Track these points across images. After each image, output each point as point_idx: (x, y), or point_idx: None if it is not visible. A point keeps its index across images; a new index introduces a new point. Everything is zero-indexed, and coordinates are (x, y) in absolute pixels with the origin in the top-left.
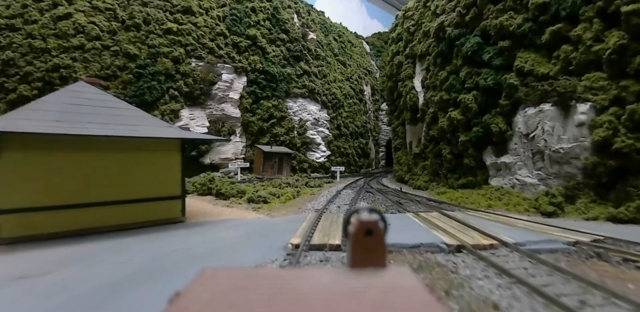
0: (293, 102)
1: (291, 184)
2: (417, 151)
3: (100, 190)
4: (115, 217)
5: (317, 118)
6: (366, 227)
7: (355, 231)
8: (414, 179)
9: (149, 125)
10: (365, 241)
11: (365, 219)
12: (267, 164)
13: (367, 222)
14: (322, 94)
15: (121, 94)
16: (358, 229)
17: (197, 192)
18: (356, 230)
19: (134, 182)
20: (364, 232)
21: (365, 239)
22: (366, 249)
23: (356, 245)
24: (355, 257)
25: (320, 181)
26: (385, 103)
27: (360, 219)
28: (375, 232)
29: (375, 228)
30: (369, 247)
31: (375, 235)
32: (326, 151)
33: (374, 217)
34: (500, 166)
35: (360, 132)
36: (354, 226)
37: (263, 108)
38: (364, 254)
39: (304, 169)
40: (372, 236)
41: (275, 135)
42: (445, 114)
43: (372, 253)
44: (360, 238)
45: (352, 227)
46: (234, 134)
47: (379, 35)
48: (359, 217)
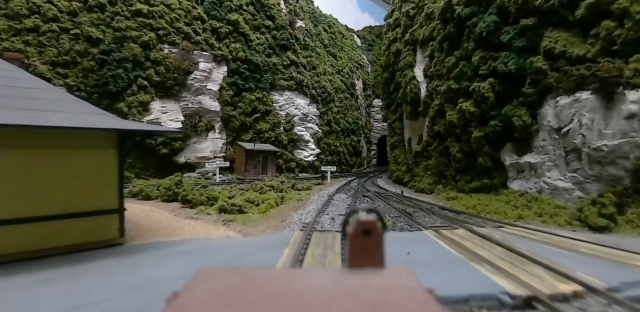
0: (279, 95)
1: (275, 187)
2: (418, 149)
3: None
4: (13, 242)
5: (305, 113)
6: (364, 227)
7: (354, 231)
8: (415, 181)
9: (70, 112)
10: (363, 241)
11: (364, 219)
12: (250, 163)
13: (365, 223)
14: (311, 87)
15: (81, 84)
16: (356, 229)
17: (161, 198)
18: (354, 230)
19: (44, 192)
20: (363, 232)
21: (363, 239)
22: (365, 249)
23: (355, 245)
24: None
25: (309, 183)
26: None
27: (359, 219)
28: (373, 232)
29: (373, 228)
30: (368, 247)
31: (373, 235)
32: (315, 149)
33: (372, 218)
34: (522, 166)
35: (351, 129)
36: (353, 226)
37: (246, 101)
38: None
39: (291, 168)
40: (370, 236)
41: (259, 131)
42: (453, 106)
43: (371, 253)
44: (358, 238)
45: (351, 228)
46: (213, 130)
47: (370, 29)
48: (357, 218)
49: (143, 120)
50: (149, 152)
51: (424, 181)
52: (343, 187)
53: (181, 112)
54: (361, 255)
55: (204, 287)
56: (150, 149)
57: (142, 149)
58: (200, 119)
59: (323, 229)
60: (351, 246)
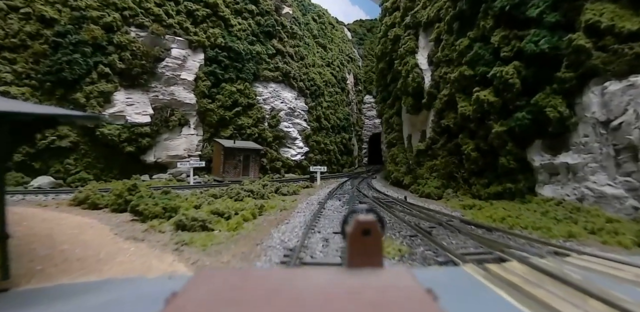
0: (263, 87)
1: (255, 192)
2: (421, 147)
3: None
4: None
5: (292, 107)
6: (364, 227)
7: (353, 231)
8: (419, 184)
9: None
10: (362, 241)
11: (363, 220)
12: (229, 162)
13: (364, 223)
14: (298, 79)
15: (32, 70)
16: (356, 229)
17: (110, 208)
18: (354, 230)
19: None
20: (362, 232)
21: (362, 239)
22: (364, 249)
23: (354, 245)
24: (352, 257)
25: (296, 186)
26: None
27: (358, 219)
28: (372, 233)
29: (372, 228)
30: (367, 247)
31: (372, 235)
32: (303, 147)
33: (371, 218)
34: (557, 168)
35: (342, 125)
36: (352, 226)
37: (225, 93)
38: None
39: (276, 168)
40: (369, 236)
41: (240, 127)
42: (467, 96)
43: (370, 253)
44: (357, 238)
45: (350, 227)
46: (187, 125)
47: (361, 23)
48: (357, 218)
49: (104, 113)
50: (111, 150)
51: (429, 184)
52: (335, 191)
53: (150, 105)
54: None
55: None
56: (112, 146)
57: (103, 146)
58: (172, 112)
59: (314, 260)
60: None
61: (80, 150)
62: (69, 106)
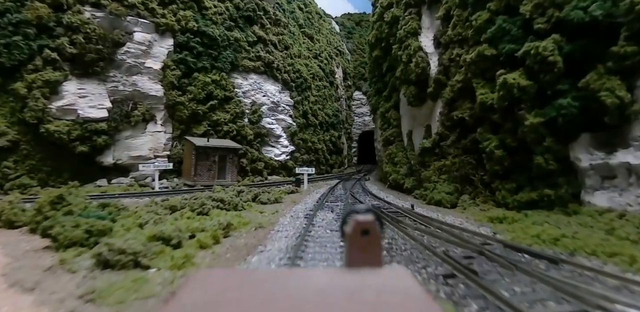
0: (243, 78)
1: (226, 201)
2: (426, 145)
3: None
4: None
5: (276, 101)
6: (362, 227)
7: (352, 231)
8: (426, 189)
9: None
10: (361, 240)
11: (362, 219)
12: (202, 164)
13: (363, 222)
14: (282, 70)
15: None
16: (354, 229)
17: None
18: (352, 230)
19: None
20: (361, 232)
21: (361, 239)
22: (362, 249)
23: (353, 245)
24: (351, 257)
25: (279, 191)
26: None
27: (357, 219)
28: (371, 232)
29: (371, 228)
30: (366, 247)
31: (371, 235)
32: (289, 146)
33: (370, 218)
34: (614, 169)
35: (332, 122)
36: (351, 226)
37: (198, 84)
38: (361, 254)
39: (258, 170)
40: (368, 235)
41: (216, 123)
42: (487, 81)
43: (369, 253)
44: (356, 238)
45: (349, 227)
46: (154, 121)
47: (349, 16)
48: (356, 218)
49: (51, 106)
50: (60, 150)
51: (439, 188)
52: (326, 198)
53: (108, 97)
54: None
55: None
56: (61, 146)
57: (49, 146)
58: (135, 106)
59: None
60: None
61: (21, 150)
62: (7, 98)
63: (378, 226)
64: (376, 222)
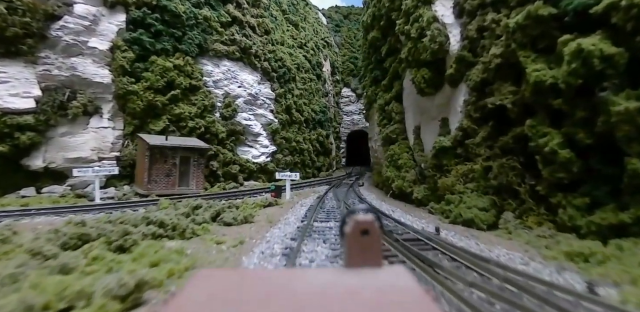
0: (214, 65)
1: (168, 224)
2: (445, 144)
3: None
4: None
5: (254, 94)
6: (362, 227)
7: (351, 230)
8: (449, 203)
9: None
10: (361, 240)
11: (361, 219)
12: (159, 168)
13: (363, 222)
14: (262, 57)
15: None
16: (354, 229)
17: None
18: (352, 230)
19: None
20: (360, 232)
21: (361, 239)
22: (362, 249)
23: (352, 245)
24: (351, 257)
25: (251, 205)
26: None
27: (356, 219)
28: (371, 232)
29: (371, 228)
30: (365, 247)
31: (371, 235)
32: (270, 146)
33: (369, 217)
34: None
35: (319, 119)
36: (350, 226)
37: (156, 69)
38: (360, 254)
39: (231, 174)
40: (368, 235)
41: (178, 117)
42: (540, 53)
43: (368, 253)
44: (356, 238)
45: (348, 227)
46: (99, 115)
47: (336, 9)
48: (355, 217)
49: None
50: None
51: (467, 201)
52: (314, 215)
53: (37, 83)
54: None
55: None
56: None
57: None
58: (74, 95)
59: None
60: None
61: None
62: None
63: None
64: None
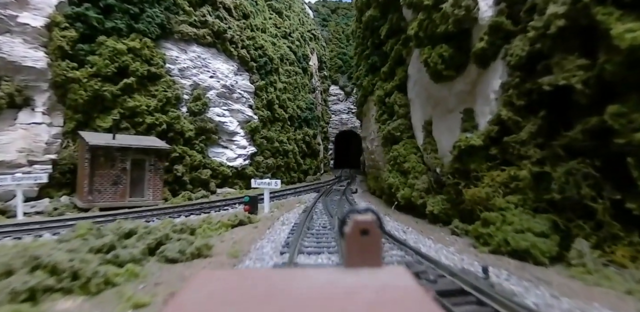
0: (180, 50)
1: (66, 270)
2: (473, 142)
3: None
4: None
5: (230, 85)
6: (362, 227)
7: (351, 230)
8: (485, 223)
9: None
10: (360, 240)
11: (361, 219)
12: (104, 174)
13: (362, 222)
14: (239, 44)
15: None
16: (354, 229)
17: None
18: (352, 230)
19: None
20: (360, 232)
21: (360, 239)
22: (362, 249)
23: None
24: (350, 257)
25: (216, 225)
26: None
27: (356, 219)
28: (370, 232)
29: (370, 228)
30: (365, 247)
31: (370, 235)
32: (248, 147)
33: (369, 217)
34: None
35: (305, 117)
36: (350, 226)
37: (105, 53)
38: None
39: (201, 181)
40: (367, 235)
41: (133, 112)
42: (629, 9)
43: (368, 253)
44: (355, 238)
45: (348, 227)
46: (30, 108)
47: (324, 3)
48: (355, 217)
49: None
50: None
51: (516, 223)
52: (299, 243)
53: None
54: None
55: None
56: None
57: None
58: None
59: None
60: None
61: None
62: None
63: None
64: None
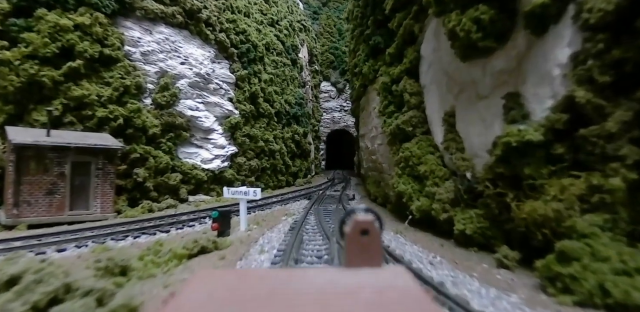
0: (144, 30)
1: None
2: (530, 137)
3: None
4: None
5: (205, 74)
6: (362, 227)
7: (351, 230)
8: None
9: None
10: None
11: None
12: (34, 181)
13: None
14: (217, 27)
15: None
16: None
17: None
18: (352, 230)
19: None
20: (360, 232)
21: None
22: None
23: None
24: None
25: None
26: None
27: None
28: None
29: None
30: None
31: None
32: (227, 146)
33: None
34: None
35: (294, 114)
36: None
37: (45, 29)
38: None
39: (169, 187)
40: (367, 235)
41: (79, 103)
42: None
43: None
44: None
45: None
46: None
47: None
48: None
49: None
50: None
51: (613, 258)
52: None
53: None
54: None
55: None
56: None
57: None
58: None
59: None
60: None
61: None
62: None
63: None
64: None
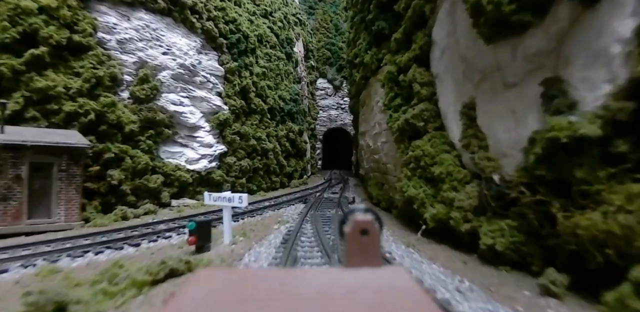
0: (120, 16)
1: None
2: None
3: None
4: None
5: (190, 66)
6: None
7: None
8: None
9: None
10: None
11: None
12: None
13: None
14: (205, 15)
15: None
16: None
17: None
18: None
19: None
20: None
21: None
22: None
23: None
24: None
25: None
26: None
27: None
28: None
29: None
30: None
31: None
32: (215, 145)
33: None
34: None
35: (289, 110)
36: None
37: (2, 12)
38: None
39: (149, 191)
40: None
41: (44, 95)
42: None
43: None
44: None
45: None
46: None
47: None
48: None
49: None
50: None
51: None
52: None
53: None
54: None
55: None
56: None
57: None
58: None
59: None
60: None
61: None
62: None
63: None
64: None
